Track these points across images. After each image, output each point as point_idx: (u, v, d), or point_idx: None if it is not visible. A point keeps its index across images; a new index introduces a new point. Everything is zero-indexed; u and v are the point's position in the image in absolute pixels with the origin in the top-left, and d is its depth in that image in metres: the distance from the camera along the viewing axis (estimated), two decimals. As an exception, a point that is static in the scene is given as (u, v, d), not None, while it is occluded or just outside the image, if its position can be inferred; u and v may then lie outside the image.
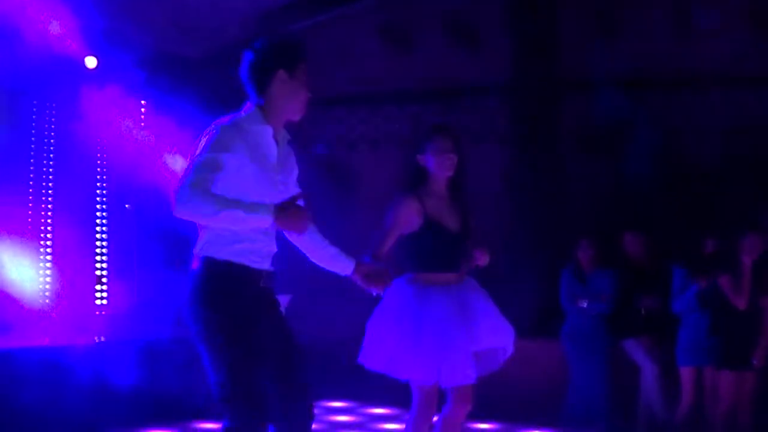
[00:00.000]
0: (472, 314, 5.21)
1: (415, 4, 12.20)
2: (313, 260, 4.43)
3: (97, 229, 11.37)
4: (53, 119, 11.15)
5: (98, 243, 11.36)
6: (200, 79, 12.19)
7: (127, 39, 11.57)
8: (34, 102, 10.95)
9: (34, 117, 10.94)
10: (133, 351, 8.26)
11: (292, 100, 4.21)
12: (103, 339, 9.64)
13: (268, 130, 4.13)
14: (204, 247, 4.07)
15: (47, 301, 10.23)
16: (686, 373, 7.77)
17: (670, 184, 9.72)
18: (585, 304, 8.38)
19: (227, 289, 4.02)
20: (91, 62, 11.24)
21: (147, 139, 11.19)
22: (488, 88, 11.40)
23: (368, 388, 9.43)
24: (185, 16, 11.47)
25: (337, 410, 9.22)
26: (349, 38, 12.81)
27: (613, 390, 8.24)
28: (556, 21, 10.34)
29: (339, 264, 4.42)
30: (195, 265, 4.08)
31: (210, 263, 4.04)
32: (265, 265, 4.17)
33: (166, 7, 11.33)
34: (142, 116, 11.61)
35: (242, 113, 4.14)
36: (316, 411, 4.17)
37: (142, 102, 11.60)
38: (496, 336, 5.43)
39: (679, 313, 7.83)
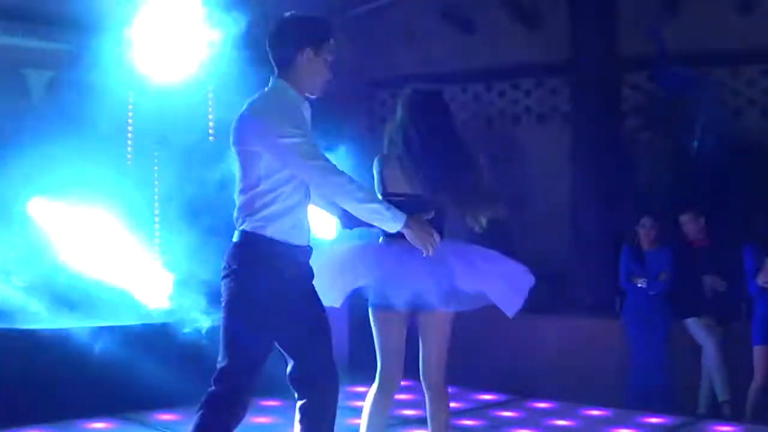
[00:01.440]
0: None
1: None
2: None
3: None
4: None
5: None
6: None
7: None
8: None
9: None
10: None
11: (313, 78, 4.19)
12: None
13: (300, 98, 4.17)
14: (248, 221, 4.10)
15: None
16: (759, 352, 7.74)
17: (735, 161, 9.59)
18: (643, 283, 8.36)
19: (268, 266, 4.07)
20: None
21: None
22: (550, 66, 11.39)
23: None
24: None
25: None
26: (412, 20, 12.88)
27: (674, 369, 8.22)
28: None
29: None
30: (237, 238, 4.14)
31: (253, 238, 4.09)
32: (305, 241, 4.20)
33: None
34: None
35: (268, 89, 4.19)
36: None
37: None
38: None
39: (754, 294, 7.78)
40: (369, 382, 5.00)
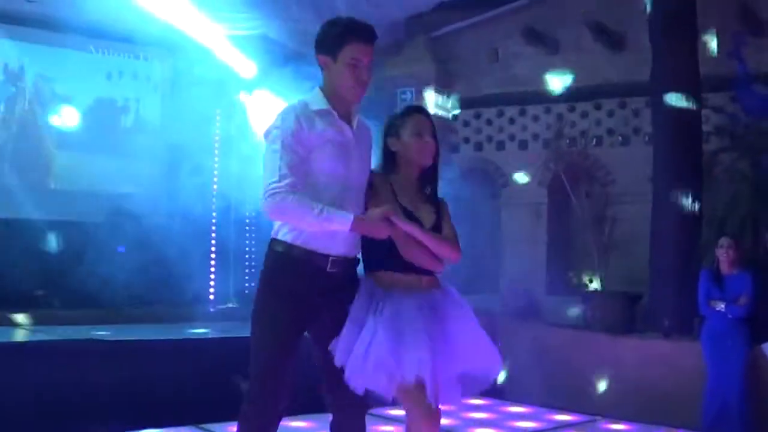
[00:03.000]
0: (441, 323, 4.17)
1: (560, 6, 12.33)
2: None
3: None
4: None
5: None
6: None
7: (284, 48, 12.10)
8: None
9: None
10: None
11: (338, 86, 4.13)
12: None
13: (329, 111, 4.14)
14: (276, 228, 4.20)
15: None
16: None
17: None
18: (722, 307, 8.34)
19: (283, 271, 4.14)
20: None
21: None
22: (632, 87, 11.43)
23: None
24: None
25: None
26: (496, 40, 13.03)
27: (751, 394, 8.18)
28: (696, 16, 10.24)
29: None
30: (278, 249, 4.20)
31: (275, 244, 4.19)
32: (336, 251, 4.13)
33: (315, 13, 11.72)
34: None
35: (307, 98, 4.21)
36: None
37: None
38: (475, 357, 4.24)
39: None
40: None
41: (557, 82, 12.25)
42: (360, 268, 4.34)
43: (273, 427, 4.18)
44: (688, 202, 9.88)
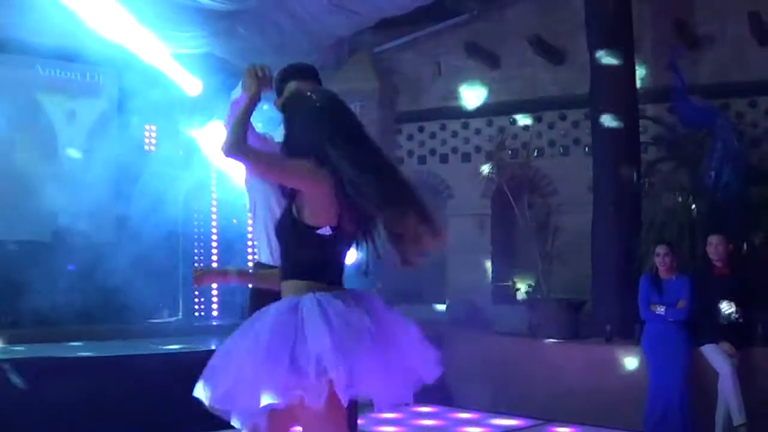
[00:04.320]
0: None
1: (501, 20, 12.61)
2: None
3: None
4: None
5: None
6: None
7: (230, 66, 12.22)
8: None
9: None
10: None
11: None
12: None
13: None
14: (260, 254, 4.58)
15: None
16: None
17: (753, 192, 9.82)
18: (662, 311, 8.59)
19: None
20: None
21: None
22: (572, 100, 11.72)
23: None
24: (279, 39, 11.99)
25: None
26: (439, 54, 13.27)
27: (692, 395, 8.42)
28: (632, 29, 10.54)
29: None
30: None
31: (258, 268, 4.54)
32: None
33: (260, 31, 11.88)
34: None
35: None
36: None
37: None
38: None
39: None
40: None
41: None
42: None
43: None
44: (627, 210, 10.16)
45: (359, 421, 4.69)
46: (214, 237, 13.15)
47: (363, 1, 11.37)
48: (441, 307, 12.96)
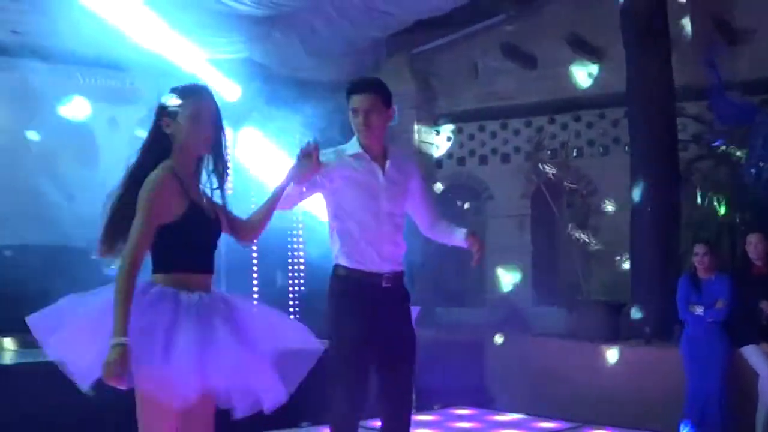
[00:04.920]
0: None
1: (537, 20, 12.53)
2: (440, 240, 5.15)
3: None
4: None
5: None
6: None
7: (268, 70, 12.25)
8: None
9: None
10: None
11: (354, 129, 4.86)
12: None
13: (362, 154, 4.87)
14: (335, 255, 4.87)
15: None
16: None
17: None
18: (701, 311, 8.47)
19: (347, 291, 4.78)
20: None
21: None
22: (611, 99, 11.61)
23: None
24: (315, 42, 12.02)
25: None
26: (476, 56, 13.22)
27: (731, 397, 8.30)
28: (668, 26, 10.43)
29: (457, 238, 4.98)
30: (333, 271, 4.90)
31: (337, 269, 4.86)
32: (385, 268, 4.79)
33: (297, 35, 11.90)
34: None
35: None
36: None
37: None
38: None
39: None
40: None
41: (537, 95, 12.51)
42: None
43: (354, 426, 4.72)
44: (665, 209, 10.05)
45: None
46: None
47: (397, 2, 11.33)
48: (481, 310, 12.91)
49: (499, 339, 10.75)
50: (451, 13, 11.88)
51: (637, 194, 10.33)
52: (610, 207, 11.47)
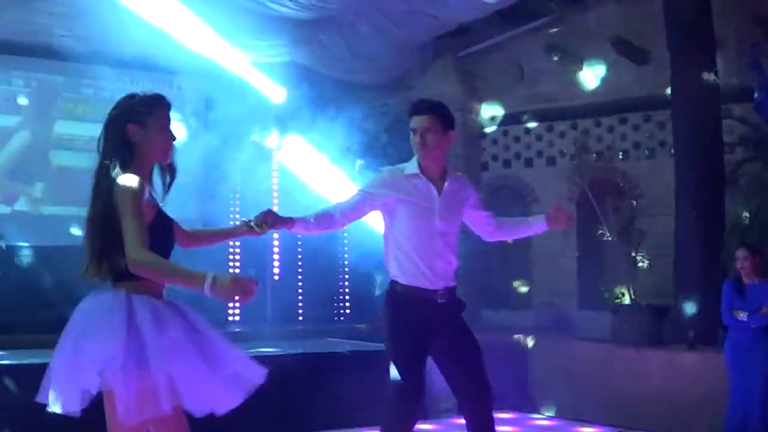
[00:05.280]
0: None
1: (582, 22, 12.44)
2: (512, 237, 5.64)
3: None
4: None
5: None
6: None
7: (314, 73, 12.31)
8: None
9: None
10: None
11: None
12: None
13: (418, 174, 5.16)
14: (393, 272, 5.14)
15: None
16: None
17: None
18: (744, 317, 8.34)
19: (403, 306, 5.07)
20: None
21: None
22: (657, 100, 11.48)
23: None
24: (360, 45, 12.05)
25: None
26: (521, 57, 13.16)
27: (774, 402, 8.17)
28: (712, 27, 10.30)
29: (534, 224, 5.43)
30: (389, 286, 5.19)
31: (392, 284, 5.15)
32: (438, 284, 5.04)
33: (341, 37, 11.93)
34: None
35: None
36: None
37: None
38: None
39: None
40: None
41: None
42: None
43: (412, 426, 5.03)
44: (710, 213, 9.93)
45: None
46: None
47: (441, 5, 11.32)
48: (526, 313, 12.86)
49: (530, 342, 10.72)
50: (496, 15, 11.87)
51: (681, 197, 10.21)
52: (655, 210, 11.34)
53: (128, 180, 3.79)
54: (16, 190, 11.63)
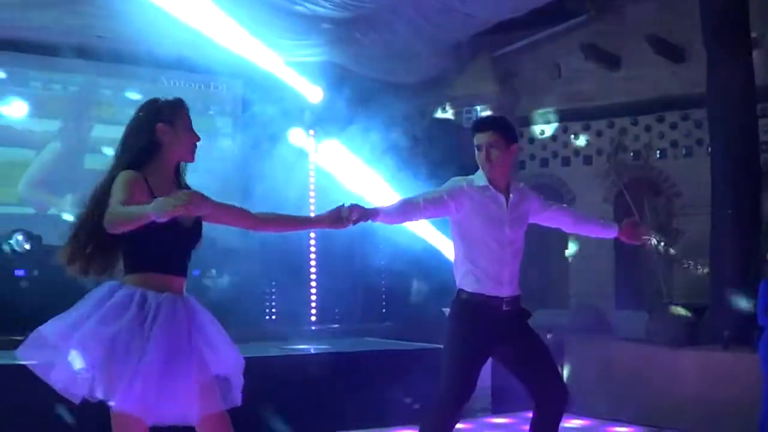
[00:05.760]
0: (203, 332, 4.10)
1: (619, 20, 12.38)
2: (587, 233, 5.80)
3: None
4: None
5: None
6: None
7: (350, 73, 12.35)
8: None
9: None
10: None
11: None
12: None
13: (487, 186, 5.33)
14: (460, 280, 5.30)
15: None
16: None
17: None
18: (778, 317, 8.25)
19: (468, 313, 5.23)
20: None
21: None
22: (694, 99, 11.40)
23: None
24: (396, 44, 12.06)
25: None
26: (558, 56, 13.12)
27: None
28: (748, 25, 10.20)
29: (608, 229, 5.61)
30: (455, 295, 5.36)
31: (460, 293, 5.29)
32: (504, 292, 5.19)
33: (377, 35, 11.95)
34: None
35: None
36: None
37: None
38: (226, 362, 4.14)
39: None
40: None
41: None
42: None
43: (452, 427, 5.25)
44: (746, 212, 9.84)
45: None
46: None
47: (477, 3, 11.32)
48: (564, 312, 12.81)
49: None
50: (532, 14, 11.85)
51: (717, 196, 10.13)
52: (692, 209, 11.26)
53: (125, 173, 3.94)
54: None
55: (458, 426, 8.36)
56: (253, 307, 11.72)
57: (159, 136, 4.07)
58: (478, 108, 13.34)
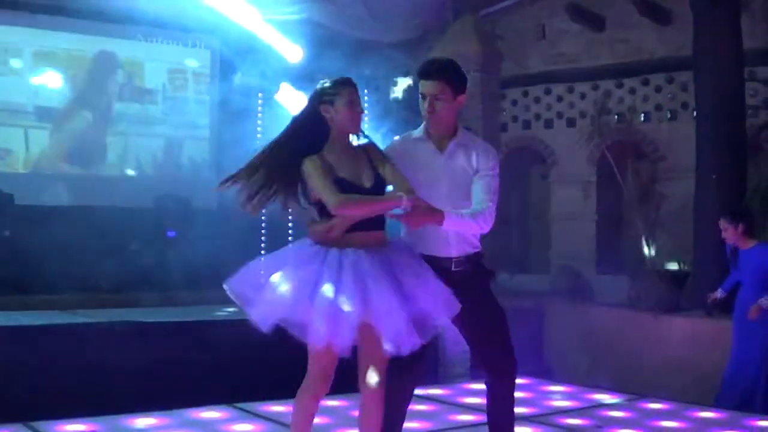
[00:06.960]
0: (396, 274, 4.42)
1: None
2: None
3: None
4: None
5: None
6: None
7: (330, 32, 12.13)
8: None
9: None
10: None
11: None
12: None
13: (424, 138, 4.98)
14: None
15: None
16: None
17: None
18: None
19: None
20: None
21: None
22: (680, 62, 11.25)
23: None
24: (379, 3, 11.85)
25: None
26: (542, 17, 12.94)
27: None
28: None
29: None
30: None
31: None
32: (452, 252, 4.77)
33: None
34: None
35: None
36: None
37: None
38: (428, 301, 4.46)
39: None
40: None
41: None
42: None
43: (409, 393, 4.92)
44: (731, 176, 9.73)
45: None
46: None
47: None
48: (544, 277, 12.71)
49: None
50: (517, -27, 11.68)
51: (702, 160, 10.01)
52: (676, 174, 11.15)
53: (310, 162, 4.43)
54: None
55: (436, 391, 8.27)
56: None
57: (324, 114, 4.51)
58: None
